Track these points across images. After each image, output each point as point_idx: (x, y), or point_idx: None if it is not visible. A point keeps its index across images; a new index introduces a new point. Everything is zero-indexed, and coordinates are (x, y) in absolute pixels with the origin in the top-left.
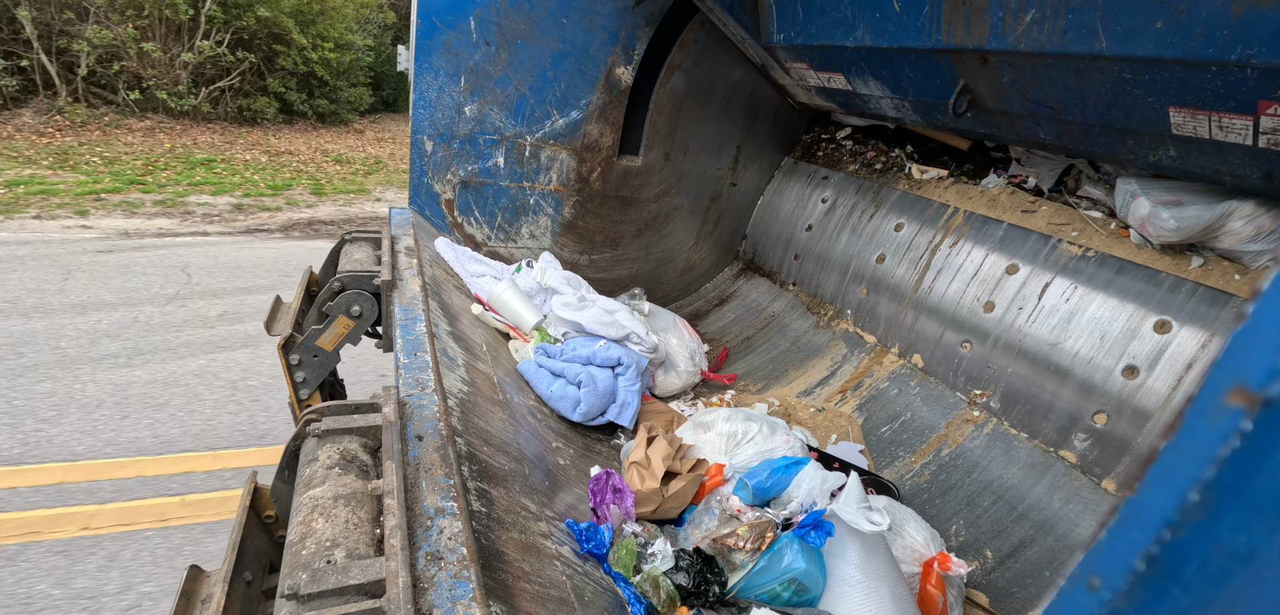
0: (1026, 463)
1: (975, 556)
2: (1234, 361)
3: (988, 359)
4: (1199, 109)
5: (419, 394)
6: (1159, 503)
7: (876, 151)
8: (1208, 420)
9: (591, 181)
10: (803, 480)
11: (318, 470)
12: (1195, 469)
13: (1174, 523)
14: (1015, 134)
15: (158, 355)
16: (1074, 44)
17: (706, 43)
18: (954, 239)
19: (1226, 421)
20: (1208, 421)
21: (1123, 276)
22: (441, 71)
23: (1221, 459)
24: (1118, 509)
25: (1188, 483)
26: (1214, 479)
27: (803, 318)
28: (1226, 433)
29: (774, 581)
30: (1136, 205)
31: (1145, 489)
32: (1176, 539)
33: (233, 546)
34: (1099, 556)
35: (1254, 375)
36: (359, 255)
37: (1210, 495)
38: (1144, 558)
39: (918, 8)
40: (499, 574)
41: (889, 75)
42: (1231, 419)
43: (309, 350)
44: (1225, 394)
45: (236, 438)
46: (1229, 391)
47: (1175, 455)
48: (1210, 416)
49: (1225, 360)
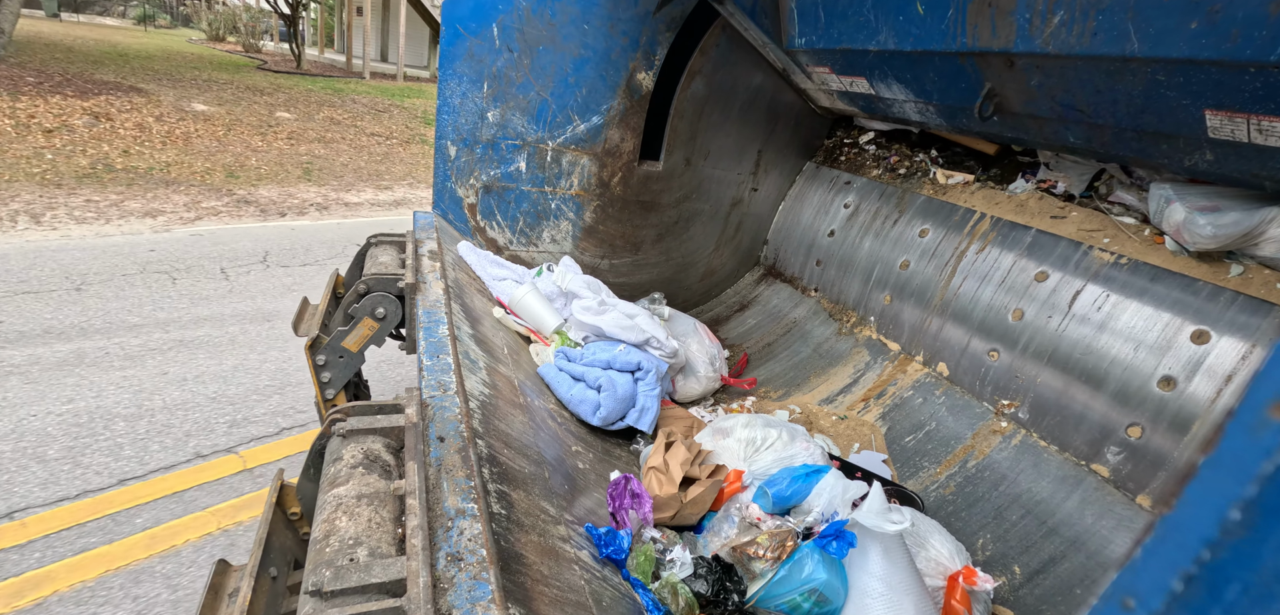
0: (1057, 476)
1: (1003, 572)
2: (1277, 374)
3: (1016, 368)
4: (1238, 112)
5: (441, 396)
6: (1198, 521)
7: (900, 156)
8: (1250, 435)
9: (612, 186)
10: (824, 489)
11: (342, 469)
12: (1236, 486)
13: (1214, 542)
14: (1043, 138)
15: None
16: (1104, 46)
17: (727, 48)
18: (980, 245)
19: (1269, 437)
20: (1250, 436)
21: (1158, 284)
22: (465, 78)
23: (1264, 476)
24: (1154, 526)
25: (1228, 500)
26: (1256, 497)
27: (825, 324)
28: (1269, 449)
29: (794, 592)
30: (1171, 211)
31: (1183, 506)
32: (1217, 560)
33: (259, 543)
34: (1134, 575)
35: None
36: (384, 258)
37: (1253, 514)
38: (1183, 578)
39: (942, 10)
40: (518, 576)
41: (913, 79)
42: (1275, 434)
43: (335, 351)
44: (1268, 408)
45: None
46: (1272, 405)
47: (1215, 471)
48: (1252, 431)
49: (1268, 372)
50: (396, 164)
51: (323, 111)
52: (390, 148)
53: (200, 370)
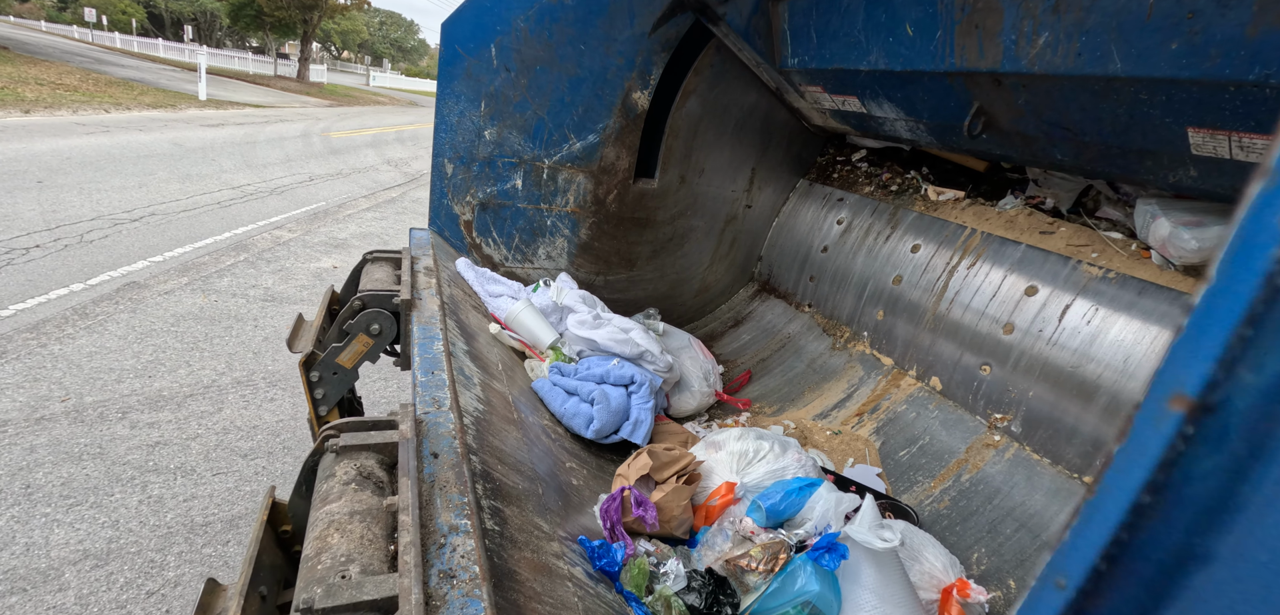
0: (1050, 489)
1: (998, 586)
2: (1173, 370)
3: (1008, 382)
4: (1219, 129)
5: (435, 412)
6: (1115, 504)
7: (892, 173)
8: (1154, 425)
9: (608, 203)
10: (816, 502)
11: (334, 486)
12: (1145, 472)
13: (1130, 524)
14: (1032, 155)
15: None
16: (1089, 66)
17: (722, 67)
18: (972, 260)
19: (1169, 426)
20: (1153, 426)
21: (1145, 298)
22: (463, 97)
23: (1169, 461)
24: (1079, 510)
25: (1139, 484)
26: (1165, 481)
27: (818, 339)
28: (1170, 437)
29: (787, 604)
30: (1157, 226)
31: (1103, 491)
32: (1135, 539)
33: (249, 561)
34: (1064, 556)
35: (1191, 382)
36: (379, 274)
37: (1161, 496)
38: (1105, 558)
39: (931, 31)
40: (510, 593)
41: (903, 98)
42: (1173, 423)
43: (329, 367)
44: (1167, 400)
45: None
46: (1171, 398)
47: (1126, 458)
48: (1156, 422)
49: (1166, 369)
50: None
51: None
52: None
53: None
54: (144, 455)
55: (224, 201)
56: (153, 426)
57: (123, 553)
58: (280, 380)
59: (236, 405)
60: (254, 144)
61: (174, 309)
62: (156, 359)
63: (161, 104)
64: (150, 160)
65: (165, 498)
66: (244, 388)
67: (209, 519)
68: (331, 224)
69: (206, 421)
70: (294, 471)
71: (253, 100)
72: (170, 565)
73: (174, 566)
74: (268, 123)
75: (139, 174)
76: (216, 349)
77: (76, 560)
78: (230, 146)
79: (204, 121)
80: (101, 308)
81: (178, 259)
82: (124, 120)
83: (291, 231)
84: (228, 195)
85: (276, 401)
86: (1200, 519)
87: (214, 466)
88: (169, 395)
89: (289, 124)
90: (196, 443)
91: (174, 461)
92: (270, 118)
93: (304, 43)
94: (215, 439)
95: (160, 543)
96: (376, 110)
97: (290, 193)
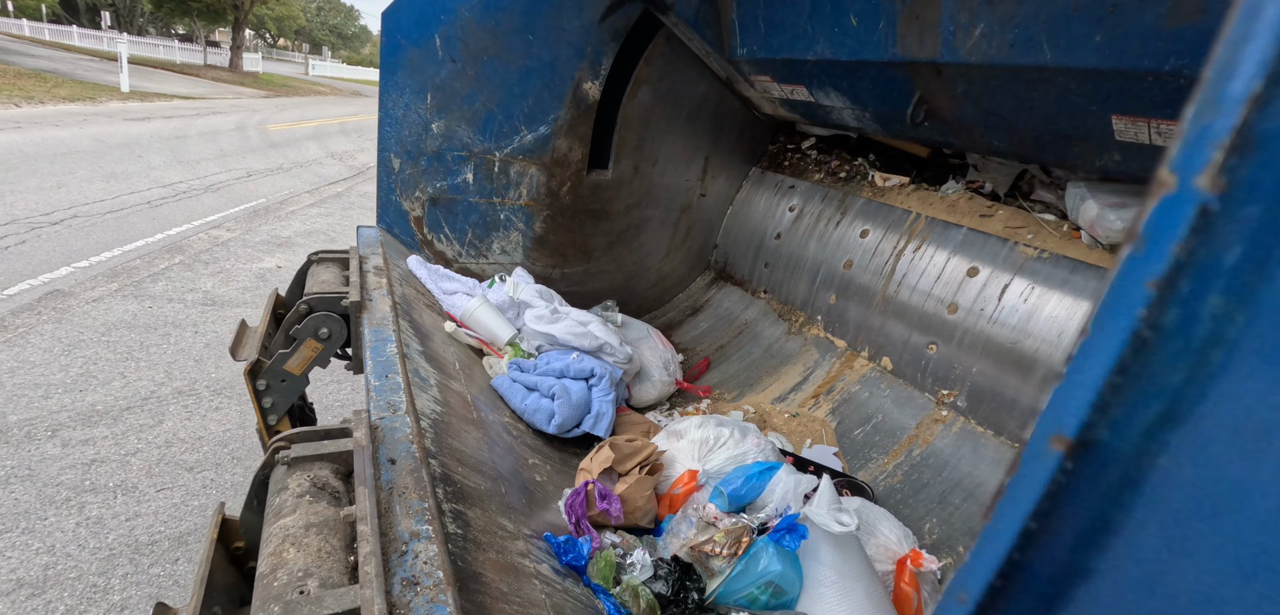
0: (994, 459)
1: (949, 553)
2: (1054, 413)
3: (954, 359)
4: (1139, 117)
5: (391, 416)
6: (1008, 529)
7: (840, 160)
8: (1038, 461)
9: (562, 196)
10: (776, 485)
11: (288, 499)
12: (1032, 502)
13: (1020, 545)
14: (970, 141)
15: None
16: (1021, 56)
17: (672, 57)
18: (917, 243)
19: (1050, 462)
20: (1038, 461)
21: (1077, 276)
22: (407, 89)
23: (1052, 492)
24: (980, 533)
25: (1027, 512)
26: (1050, 509)
27: (775, 325)
28: (1052, 471)
29: (752, 585)
30: (1086, 208)
31: (996, 518)
32: (1025, 558)
33: (200, 581)
34: (967, 574)
35: (1069, 424)
36: (326, 276)
37: (1047, 522)
38: (1000, 574)
39: (874, 22)
40: (476, 596)
41: (849, 87)
42: (1055, 460)
43: (276, 375)
44: (1049, 439)
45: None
46: (1052, 437)
47: (1016, 489)
48: (1040, 458)
49: (1048, 412)
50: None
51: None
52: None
53: None
54: (79, 474)
55: (154, 201)
56: (87, 444)
57: (61, 579)
58: (225, 388)
59: (179, 416)
60: (185, 139)
61: (104, 317)
62: (87, 372)
63: (79, 96)
64: (70, 158)
65: (105, 518)
66: (186, 397)
67: (155, 537)
68: (273, 221)
69: (147, 435)
70: (244, 483)
71: (181, 92)
72: (115, 588)
73: (119, 589)
74: (199, 115)
75: (57, 173)
76: (154, 358)
77: (9, 590)
78: (158, 142)
79: (128, 115)
80: (21, 319)
81: (106, 264)
82: (37, 115)
83: (230, 231)
84: (158, 194)
85: (222, 410)
86: (1081, 540)
87: (157, 482)
88: (103, 409)
89: (223, 116)
90: (137, 458)
91: (113, 479)
92: (202, 110)
93: (236, 29)
94: (157, 453)
95: (102, 566)
96: (317, 101)
97: (227, 189)
